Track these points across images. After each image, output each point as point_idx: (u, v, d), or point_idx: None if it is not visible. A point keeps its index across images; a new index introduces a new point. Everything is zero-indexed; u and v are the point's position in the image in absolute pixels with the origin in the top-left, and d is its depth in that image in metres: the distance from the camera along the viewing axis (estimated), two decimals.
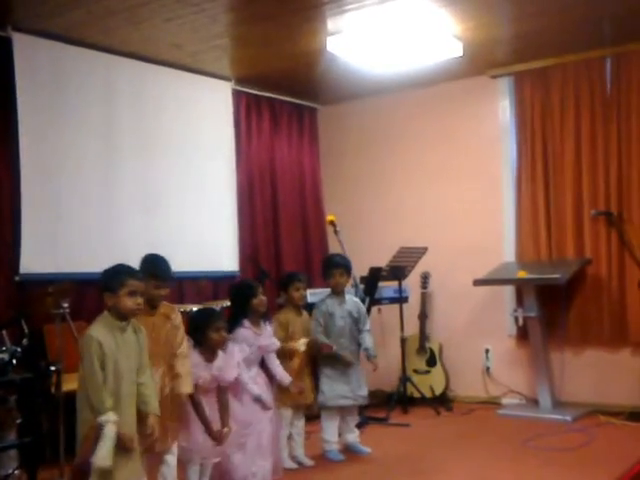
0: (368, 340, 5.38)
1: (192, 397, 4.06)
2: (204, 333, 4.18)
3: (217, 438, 4.13)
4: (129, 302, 3.47)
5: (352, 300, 5.47)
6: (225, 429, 4.19)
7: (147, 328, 3.77)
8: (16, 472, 4.51)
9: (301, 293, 5.25)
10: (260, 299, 4.74)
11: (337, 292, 5.35)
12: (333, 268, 5.34)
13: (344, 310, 5.33)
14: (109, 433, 3.26)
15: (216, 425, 4.16)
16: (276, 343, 4.87)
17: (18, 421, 4.44)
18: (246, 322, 4.69)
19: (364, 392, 5.38)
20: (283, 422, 4.99)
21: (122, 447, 3.32)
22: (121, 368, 3.43)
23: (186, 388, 3.93)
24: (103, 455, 3.24)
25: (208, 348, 4.22)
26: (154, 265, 4.00)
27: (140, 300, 3.53)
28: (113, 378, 3.39)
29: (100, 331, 3.42)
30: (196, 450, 4.11)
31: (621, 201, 6.52)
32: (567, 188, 6.75)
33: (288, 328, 5.14)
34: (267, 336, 4.82)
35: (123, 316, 3.49)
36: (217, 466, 4.38)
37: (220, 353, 4.29)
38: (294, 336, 5.16)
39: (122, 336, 3.48)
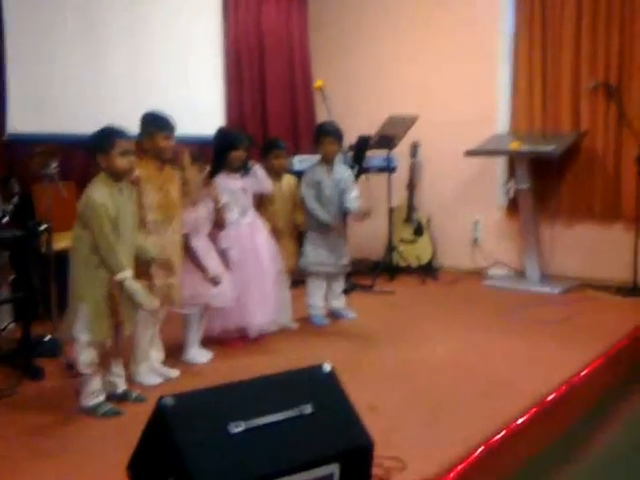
0: (354, 204, 5.54)
1: (186, 245, 4.43)
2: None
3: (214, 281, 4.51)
4: (122, 162, 3.69)
5: (341, 169, 5.64)
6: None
7: (156, 183, 4.11)
8: (10, 326, 4.90)
9: (280, 161, 5.37)
10: (239, 154, 4.95)
11: (327, 160, 5.52)
12: (324, 136, 5.47)
13: (332, 179, 5.51)
14: (132, 286, 3.65)
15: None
16: (268, 187, 5.16)
17: (11, 277, 4.79)
18: (222, 173, 4.94)
19: (345, 261, 5.67)
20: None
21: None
22: (122, 227, 3.71)
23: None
24: (146, 301, 3.70)
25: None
26: (157, 118, 4.24)
27: (133, 159, 3.75)
28: (115, 238, 3.66)
29: (103, 194, 3.66)
30: (197, 296, 4.49)
31: (621, 73, 6.59)
32: (565, 58, 6.81)
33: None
34: (259, 180, 5.09)
35: (118, 176, 3.72)
36: (217, 314, 4.81)
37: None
38: (272, 202, 5.34)
39: (121, 196, 3.74)
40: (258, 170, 5.12)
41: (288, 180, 5.55)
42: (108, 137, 3.72)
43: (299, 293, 5.72)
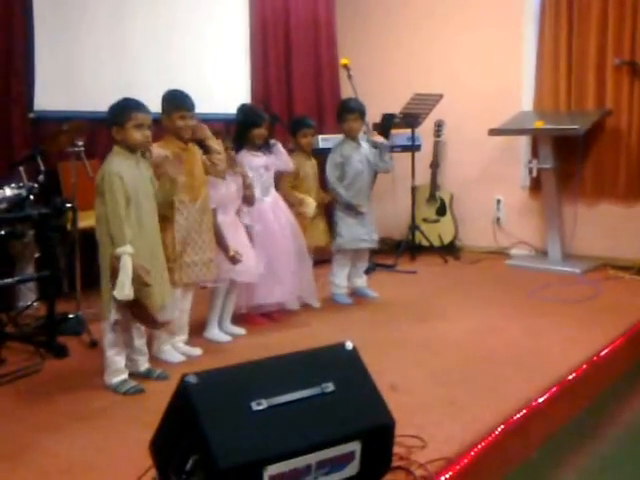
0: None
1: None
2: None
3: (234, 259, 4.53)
4: (137, 135, 3.71)
5: (365, 145, 5.63)
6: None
7: (181, 162, 4.11)
8: (35, 304, 4.95)
9: (309, 140, 5.49)
10: (261, 131, 4.97)
11: (351, 137, 5.52)
12: (347, 113, 5.48)
13: (361, 154, 5.53)
14: (126, 265, 3.56)
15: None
16: (290, 164, 5.21)
17: (36, 255, 4.83)
18: (244, 150, 4.97)
19: (376, 236, 5.68)
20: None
21: (137, 279, 3.60)
22: (141, 198, 3.73)
23: None
24: (121, 286, 3.55)
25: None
26: (174, 97, 4.24)
27: (148, 133, 3.76)
28: (135, 209, 3.69)
29: (118, 165, 3.68)
30: (222, 270, 4.51)
31: None
32: (591, 35, 6.76)
33: (299, 173, 5.42)
34: (281, 158, 5.13)
35: (132, 149, 3.75)
36: (246, 293, 4.87)
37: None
38: (306, 180, 5.46)
39: (137, 167, 3.77)
40: (280, 148, 5.15)
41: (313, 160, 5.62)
42: (123, 110, 3.75)
43: (325, 272, 5.77)
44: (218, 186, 4.48)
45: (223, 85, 6.95)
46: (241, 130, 5.00)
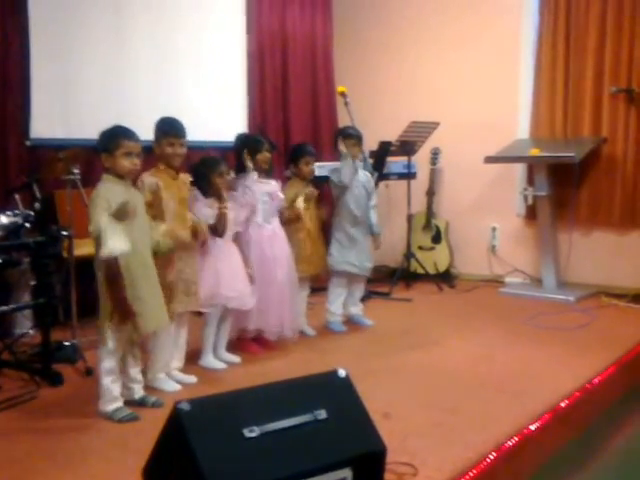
0: (374, 216, 5.70)
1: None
2: (208, 180, 4.52)
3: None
4: (125, 163, 3.75)
5: (363, 173, 5.71)
6: (248, 270, 4.77)
7: (172, 191, 4.16)
8: (31, 331, 4.99)
9: (310, 168, 5.43)
10: (265, 155, 5.02)
11: None
12: (347, 139, 5.52)
13: (358, 181, 5.60)
14: (110, 257, 3.61)
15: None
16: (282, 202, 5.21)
17: (32, 283, 4.86)
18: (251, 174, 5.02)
19: (369, 265, 5.69)
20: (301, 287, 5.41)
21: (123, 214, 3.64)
22: (132, 222, 3.75)
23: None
24: (105, 242, 3.59)
25: (214, 194, 4.54)
26: (163, 123, 4.27)
27: (137, 161, 3.80)
28: (126, 233, 3.70)
29: (108, 190, 3.72)
30: (215, 295, 4.55)
31: None
32: (588, 62, 6.83)
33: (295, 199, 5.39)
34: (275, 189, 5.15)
35: (121, 177, 3.79)
36: (235, 317, 4.90)
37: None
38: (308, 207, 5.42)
39: (128, 192, 3.80)
40: (274, 182, 5.19)
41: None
42: (113, 137, 3.79)
43: (322, 300, 5.82)
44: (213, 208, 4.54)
45: (220, 113, 7.02)
46: (244, 157, 5.05)
